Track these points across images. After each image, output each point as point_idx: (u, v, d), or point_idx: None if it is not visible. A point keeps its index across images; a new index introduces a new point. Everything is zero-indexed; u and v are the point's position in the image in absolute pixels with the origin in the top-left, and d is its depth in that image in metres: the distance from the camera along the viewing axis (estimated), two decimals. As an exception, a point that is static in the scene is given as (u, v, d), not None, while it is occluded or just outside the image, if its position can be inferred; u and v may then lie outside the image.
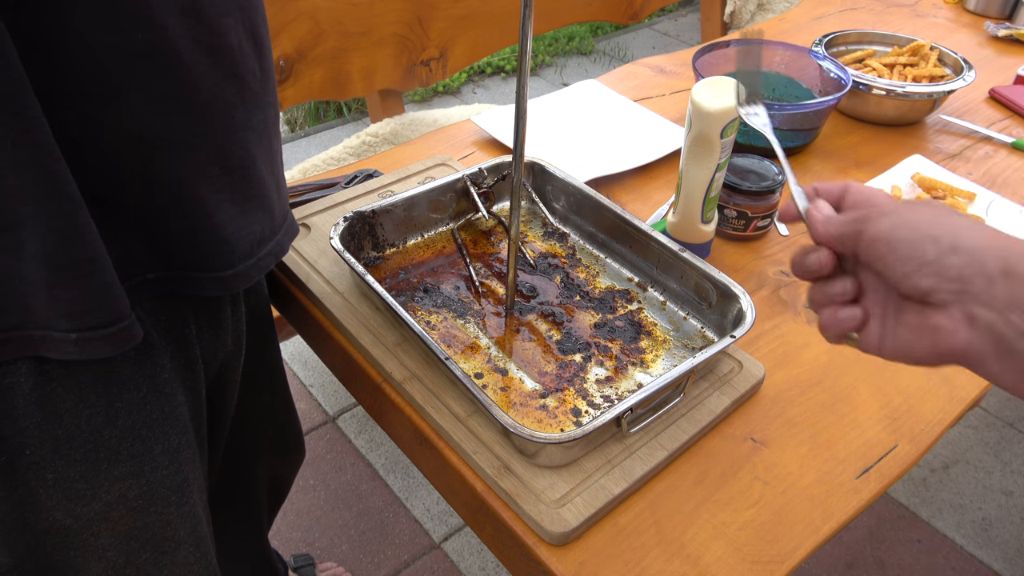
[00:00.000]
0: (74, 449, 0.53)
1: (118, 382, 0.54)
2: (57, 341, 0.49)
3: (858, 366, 0.73)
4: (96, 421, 0.54)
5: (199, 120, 0.51)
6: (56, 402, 0.52)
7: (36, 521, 0.55)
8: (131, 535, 0.60)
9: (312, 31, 1.22)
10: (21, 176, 0.43)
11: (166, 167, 0.51)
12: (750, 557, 0.56)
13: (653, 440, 0.61)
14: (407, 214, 0.80)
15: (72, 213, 0.45)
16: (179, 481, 0.61)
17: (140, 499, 0.59)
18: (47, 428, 0.52)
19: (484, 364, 0.68)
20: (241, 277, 0.58)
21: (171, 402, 0.58)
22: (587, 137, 1.07)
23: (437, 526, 1.46)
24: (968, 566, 1.43)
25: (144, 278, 0.54)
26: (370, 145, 1.42)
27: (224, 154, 0.54)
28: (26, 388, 0.50)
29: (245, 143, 0.55)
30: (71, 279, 0.47)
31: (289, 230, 0.65)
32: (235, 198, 0.56)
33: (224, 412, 0.73)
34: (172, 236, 0.54)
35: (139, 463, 0.57)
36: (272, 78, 0.59)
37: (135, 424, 0.56)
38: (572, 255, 0.81)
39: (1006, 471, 1.61)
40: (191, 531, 0.65)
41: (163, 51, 0.47)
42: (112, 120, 0.47)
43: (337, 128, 2.78)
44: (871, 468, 0.63)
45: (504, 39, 1.54)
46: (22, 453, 0.52)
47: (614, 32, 3.58)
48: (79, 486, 0.55)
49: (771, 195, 0.85)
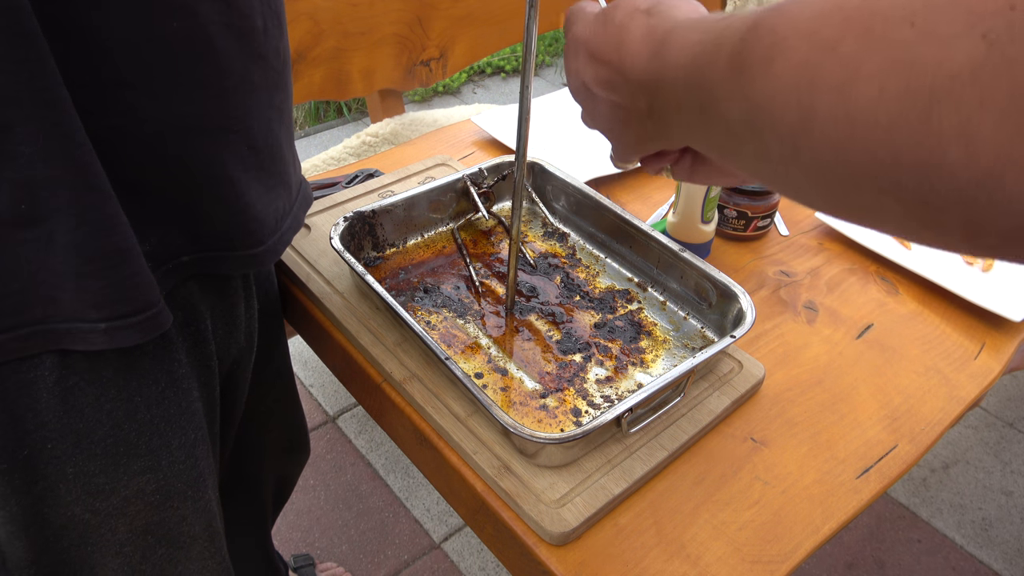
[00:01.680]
0: (95, 443, 0.54)
1: (138, 376, 0.54)
2: (84, 332, 0.49)
3: (858, 366, 0.73)
4: (117, 415, 0.54)
5: (231, 103, 0.52)
6: (78, 395, 0.52)
7: (55, 516, 0.55)
8: (148, 530, 0.60)
9: (312, 31, 1.22)
10: (53, 168, 0.43)
11: (201, 151, 0.52)
12: (750, 557, 0.56)
13: (653, 440, 0.61)
14: (407, 214, 0.80)
15: (103, 204, 0.46)
16: (195, 476, 0.61)
17: (157, 494, 0.59)
18: (69, 422, 0.52)
19: (484, 364, 0.68)
20: (270, 252, 0.60)
21: (187, 397, 0.59)
22: (587, 137, 1.07)
23: (437, 526, 1.46)
24: (968, 566, 1.43)
25: (180, 261, 0.55)
26: (370, 145, 1.42)
27: (252, 134, 0.55)
28: (49, 382, 0.50)
29: (269, 122, 0.57)
30: (101, 269, 0.47)
31: (303, 203, 0.67)
32: (261, 176, 0.57)
33: (234, 409, 0.74)
34: (206, 218, 0.55)
35: (157, 457, 0.58)
36: (289, 56, 0.60)
37: (154, 418, 0.56)
38: (572, 255, 0.81)
39: (1006, 471, 1.61)
40: (206, 526, 0.65)
41: (197, 37, 0.48)
42: (151, 107, 0.48)
43: (337, 128, 2.78)
44: (871, 468, 0.63)
45: (504, 39, 1.54)
46: (44, 447, 0.52)
47: (614, 32, 3.58)
48: (98, 480, 0.55)
49: (771, 195, 0.85)
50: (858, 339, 0.76)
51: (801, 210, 0.95)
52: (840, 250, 0.88)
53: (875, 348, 0.75)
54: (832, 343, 0.75)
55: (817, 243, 0.89)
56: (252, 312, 0.69)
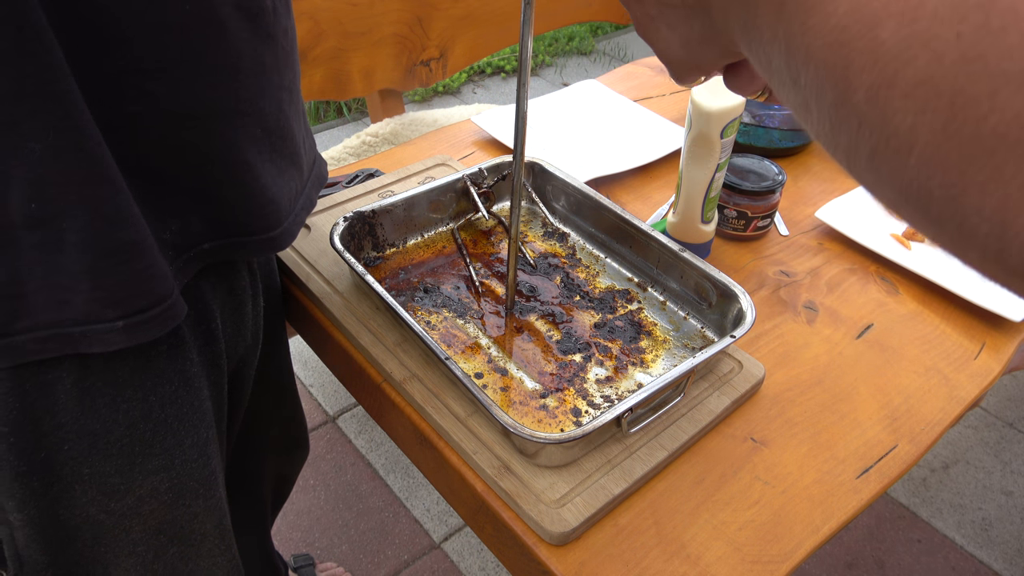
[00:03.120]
0: (111, 443, 0.54)
1: (153, 375, 0.54)
2: (100, 333, 0.48)
3: (858, 366, 0.73)
4: (133, 415, 0.54)
5: (244, 85, 0.52)
6: (96, 396, 0.52)
7: (70, 517, 0.55)
8: (161, 529, 0.60)
9: (312, 31, 1.22)
10: (63, 163, 0.43)
11: (217, 135, 0.52)
12: (750, 557, 0.56)
13: (653, 440, 0.61)
14: (407, 214, 0.80)
15: (114, 197, 0.45)
16: (207, 474, 0.61)
17: (170, 492, 0.59)
18: (86, 423, 0.52)
19: (484, 364, 0.68)
20: (287, 234, 0.60)
21: (199, 396, 0.59)
22: (587, 137, 1.07)
23: (437, 526, 1.46)
24: (968, 566, 1.43)
25: (201, 249, 0.55)
26: (370, 145, 1.42)
27: (264, 116, 0.55)
28: (68, 383, 0.50)
29: (280, 103, 0.57)
30: (116, 264, 0.47)
31: (316, 181, 0.67)
32: (274, 157, 0.57)
33: (239, 407, 0.74)
34: (224, 203, 0.55)
35: (171, 456, 0.57)
36: (295, 35, 0.60)
37: (168, 417, 0.56)
38: (572, 255, 0.81)
39: (1006, 471, 1.61)
40: (217, 524, 0.65)
41: (210, 19, 0.48)
42: (167, 93, 0.48)
43: (337, 128, 2.78)
44: (871, 468, 0.63)
45: (504, 39, 1.54)
46: (61, 448, 0.52)
47: (614, 32, 3.58)
48: (114, 480, 0.55)
49: (771, 195, 0.85)
50: (858, 339, 0.76)
51: (801, 210, 0.95)
52: (840, 250, 0.88)
53: (875, 348, 0.75)
54: (832, 343, 0.75)
55: (817, 243, 0.89)
56: (258, 311, 0.69)
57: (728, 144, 0.77)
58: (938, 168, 0.20)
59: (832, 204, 0.92)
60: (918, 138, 0.20)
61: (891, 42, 0.20)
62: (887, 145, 0.21)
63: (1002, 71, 0.18)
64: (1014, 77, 0.18)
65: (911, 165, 0.21)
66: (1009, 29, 0.18)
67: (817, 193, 0.98)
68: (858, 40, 0.21)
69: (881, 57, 0.20)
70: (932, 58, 0.19)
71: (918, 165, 0.21)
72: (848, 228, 0.88)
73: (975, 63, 0.19)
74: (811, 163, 1.05)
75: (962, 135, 0.19)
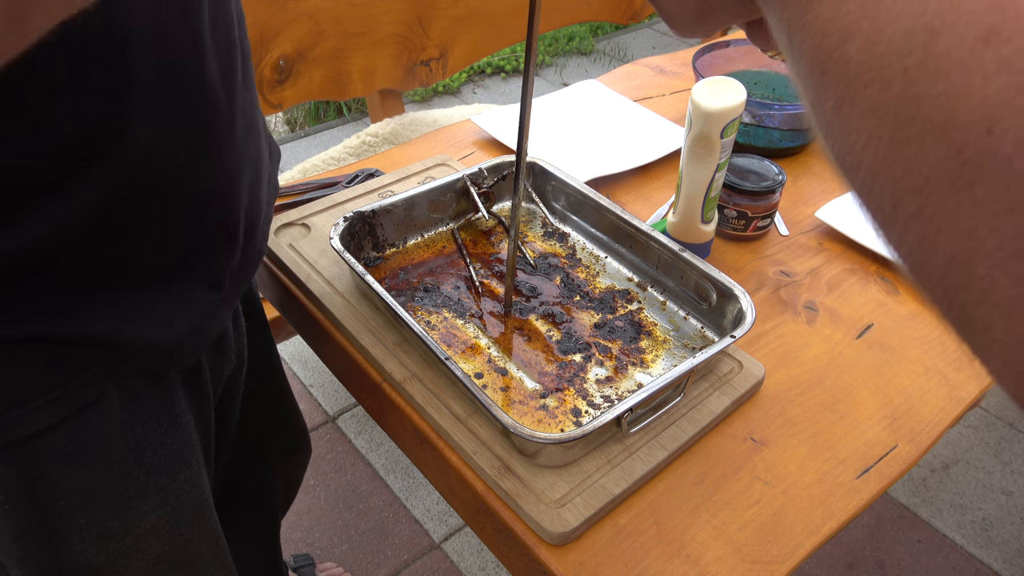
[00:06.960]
0: (107, 493, 0.54)
1: (143, 424, 0.55)
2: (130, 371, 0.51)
3: (858, 366, 0.73)
4: (127, 464, 0.54)
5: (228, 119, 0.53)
6: (90, 452, 0.52)
7: (68, 564, 0.56)
8: (159, 560, 0.61)
9: (312, 31, 1.22)
10: None
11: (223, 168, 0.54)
12: (750, 557, 0.56)
13: (653, 440, 0.61)
14: (407, 214, 0.80)
15: None
16: (200, 502, 0.62)
17: (167, 526, 0.59)
18: (80, 480, 0.52)
19: (484, 364, 0.68)
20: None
21: (187, 429, 0.59)
22: (587, 137, 1.07)
23: (437, 526, 1.46)
24: (968, 566, 1.43)
25: (230, 269, 0.57)
26: (370, 145, 1.42)
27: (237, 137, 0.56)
28: (60, 445, 0.50)
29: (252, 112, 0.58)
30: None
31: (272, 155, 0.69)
32: (254, 168, 0.59)
33: (230, 419, 0.74)
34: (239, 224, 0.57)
35: (165, 494, 0.58)
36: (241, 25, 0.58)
37: (160, 459, 0.57)
38: (572, 255, 0.81)
39: (1006, 471, 1.61)
40: (212, 544, 0.66)
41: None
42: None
43: (337, 128, 2.78)
44: (871, 468, 0.63)
45: (504, 39, 1.54)
46: (56, 506, 0.52)
47: (614, 32, 3.58)
48: (112, 525, 0.55)
49: (771, 195, 0.85)
50: (858, 339, 0.76)
51: (801, 210, 0.95)
52: (840, 250, 0.88)
53: (875, 348, 0.75)
54: (832, 343, 0.75)
55: (817, 243, 0.89)
56: (240, 332, 0.69)
57: (728, 144, 0.77)
58: (875, 195, 0.21)
59: (832, 204, 0.92)
60: (863, 161, 0.21)
61: (855, 60, 0.20)
62: (844, 160, 0.22)
63: (929, 118, 0.18)
64: (939, 127, 0.18)
65: (857, 183, 0.21)
66: (940, 75, 0.18)
67: (817, 193, 0.98)
68: (833, 51, 0.21)
69: (847, 73, 0.20)
70: (883, 87, 0.19)
71: (860, 188, 0.21)
72: (848, 228, 0.88)
73: (912, 104, 0.19)
74: (811, 163, 1.05)
75: (895, 170, 0.19)
